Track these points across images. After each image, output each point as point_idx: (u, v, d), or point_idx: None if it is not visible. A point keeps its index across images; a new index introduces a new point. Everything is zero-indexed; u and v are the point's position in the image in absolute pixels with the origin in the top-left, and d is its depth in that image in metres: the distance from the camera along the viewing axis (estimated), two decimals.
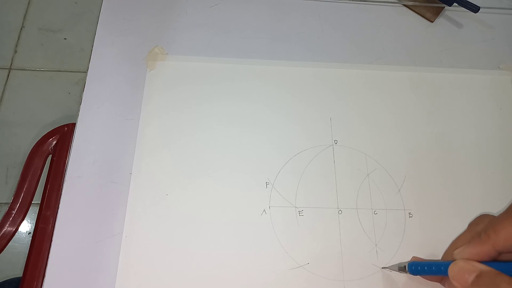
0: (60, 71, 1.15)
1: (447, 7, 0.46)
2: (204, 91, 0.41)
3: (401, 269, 0.32)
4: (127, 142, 0.38)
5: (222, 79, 0.41)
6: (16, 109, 1.10)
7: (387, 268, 0.34)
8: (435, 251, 0.36)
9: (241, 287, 0.34)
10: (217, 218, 0.36)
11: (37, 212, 0.49)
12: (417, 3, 0.46)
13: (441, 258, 0.33)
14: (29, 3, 1.22)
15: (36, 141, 0.54)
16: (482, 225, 0.28)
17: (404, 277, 0.34)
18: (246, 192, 0.37)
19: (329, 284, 0.34)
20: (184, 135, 0.39)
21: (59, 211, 0.35)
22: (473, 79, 0.43)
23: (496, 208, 0.37)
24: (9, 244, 0.52)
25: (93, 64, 0.42)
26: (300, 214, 0.36)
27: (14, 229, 0.52)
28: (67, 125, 0.55)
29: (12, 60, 1.15)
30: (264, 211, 0.36)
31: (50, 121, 1.09)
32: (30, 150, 0.54)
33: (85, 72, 0.41)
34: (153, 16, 0.44)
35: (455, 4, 0.45)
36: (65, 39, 1.18)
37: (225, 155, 0.38)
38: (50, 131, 0.54)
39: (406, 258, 0.35)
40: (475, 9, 0.44)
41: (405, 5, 0.47)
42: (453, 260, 0.27)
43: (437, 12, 0.46)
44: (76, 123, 0.39)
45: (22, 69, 1.14)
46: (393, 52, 0.44)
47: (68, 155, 0.38)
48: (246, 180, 0.37)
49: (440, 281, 0.31)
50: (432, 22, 0.46)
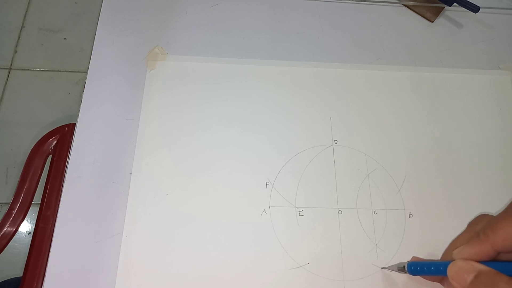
0: (60, 71, 1.15)
1: (447, 7, 0.46)
2: (204, 91, 0.41)
3: (401, 269, 0.32)
4: (127, 142, 0.38)
5: (222, 79, 0.41)
6: (16, 109, 1.10)
7: (386, 268, 0.35)
8: (435, 251, 0.36)
9: (241, 287, 0.34)
10: (217, 218, 0.36)
11: (37, 212, 0.49)
12: (417, 3, 0.46)
13: (440, 258, 0.33)
14: (29, 3, 1.22)
15: (36, 141, 0.54)
16: (481, 225, 0.28)
17: (404, 277, 0.34)
18: (246, 192, 0.37)
19: (329, 284, 0.34)
20: (184, 135, 0.39)
21: (59, 211, 0.36)
22: (473, 79, 0.43)
23: (496, 208, 0.37)
24: (9, 244, 0.52)
25: (93, 64, 0.42)
26: (300, 214, 0.36)
27: (14, 229, 0.52)
28: (67, 125, 0.55)
29: (12, 60, 1.15)
30: (264, 211, 0.36)
31: (50, 121, 1.09)
32: (30, 150, 0.54)
33: (85, 72, 0.42)
34: (153, 16, 0.44)
35: (455, 4, 0.45)
36: (65, 39, 1.18)
37: (225, 155, 0.38)
38: (50, 131, 0.54)
39: (406, 258, 0.35)
40: (475, 9, 0.44)
41: (405, 5, 0.47)
42: (452, 260, 0.27)
43: (437, 12, 0.46)
44: (76, 123, 0.39)
45: (22, 69, 1.14)
46: (393, 52, 0.44)
47: (68, 155, 0.38)
48: (246, 180, 0.37)
49: (440, 281, 0.31)
50: (432, 22, 0.46)
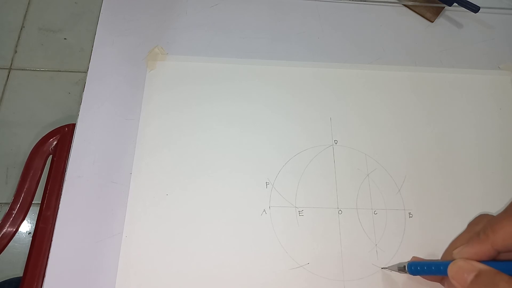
0: (60, 71, 1.15)
1: (447, 7, 0.46)
2: (204, 91, 0.41)
3: (401, 269, 0.32)
4: (127, 142, 0.38)
5: (222, 79, 0.41)
6: (16, 109, 1.10)
7: (386, 268, 0.35)
8: (435, 251, 0.36)
9: (241, 287, 0.34)
10: (217, 218, 0.36)
11: (37, 212, 0.49)
12: (417, 3, 0.46)
13: (440, 258, 0.33)
14: (29, 3, 1.22)
15: (36, 141, 0.54)
16: (481, 225, 0.28)
17: (404, 277, 0.34)
18: (246, 192, 0.37)
19: (329, 284, 0.34)
20: (184, 135, 0.39)
21: (59, 211, 0.36)
22: (473, 79, 0.43)
23: (496, 208, 0.37)
24: (9, 244, 0.52)
25: (93, 64, 0.42)
26: (300, 214, 0.36)
27: (14, 229, 0.52)
28: (67, 125, 0.55)
29: (12, 60, 1.15)
30: (264, 211, 0.36)
31: (50, 121, 1.09)
32: (30, 150, 0.54)
33: (85, 72, 0.42)
34: (153, 16, 0.44)
35: (455, 4, 0.45)
36: (65, 39, 1.18)
37: (225, 155, 0.38)
38: (51, 131, 0.55)
39: (406, 258, 0.35)
40: (475, 9, 0.44)
41: (405, 5, 0.47)
42: (453, 260, 0.27)
43: (437, 12, 0.46)
44: (76, 123, 0.39)
45: (22, 69, 1.14)
46: (393, 52, 0.44)
47: (68, 155, 0.38)
48: (246, 180, 0.37)
49: (440, 281, 0.31)
50: (432, 22, 0.46)
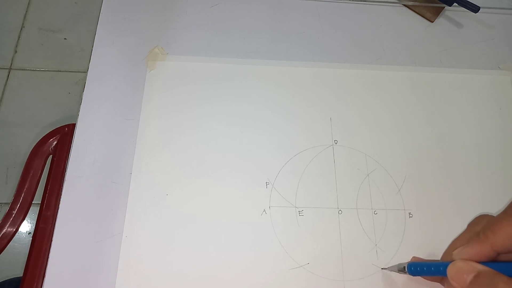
0: (60, 71, 1.15)
1: (447, 7, 0.46)
2: (204, 91, 0.41)
3: (401, 270, 0.32)
4: (127, 142, 0.38)
5: (222, 79, 0.41)
6: (16, 109, 1.10)
7: (386, 269, 0.34)
8: (435, 251, 0.36)
9: (241, 287, 0.34)
10: (217, 218, 0.36)
11: (37, 212, 0.49)
12: (417, 3, 0.46)
13: (440, 259, 0.33)
14: (29, 3, 1.22)
15: (36, 141, 0.54)
16: (481, 225, 0.28)
17: (404, 277, 0.34)
18: (246, 192, 0.37)
19: (329, 284, 0.34)
20: (184, 135, 0.39)
21: (59, 211, 0.36)
22: (473, 79, 0.43)
23: (496, 208, 0.37)
24: (9, 244, 0.52)
25: (93, 64, 0.42)
26: (300, 214, 0.36)
27: (14, 229, 0.52)
28: (67, 125, 0.55)
29: (12, 60, 1.15)
30: (264, 211, 0.36)
31: (50, 121, 1.09)
32: (30, 150, 0.54)
33: (85, 72, 0.42)
34: (153, 16, 0.44)
35: (455, 4, 0.45)
36: (65, 39, 1.18)
37: (225, 155, 0.38)
38: (51, 131, 0.55)
39: (406, 258, 0.35)
40: (475, 9, 0.44)
41: (405, 5, 0.47)
42: (452, 261, 0.27)
43: (437, 12, 0.46)
44: (76, 123, 0.39)
45: (22, 69, 1.14)
46: (393, 52, 0.44)
47: (68, 157, 0.38)
48: (246, 180, 0.37)
49: (440, 281, 0.31)
50: (432, 22, 0.46)
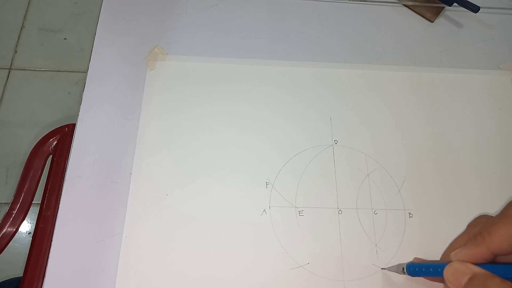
0: (60, 71, 1.15)
1: (447, 7, 0.46)
2: (204, 91, 0.41)
3: (400, 270, 0.32)
4: (127, 142, 0.38)
5: (222, 79, 0.41)
6: (16, 109, 1.10)
7: (386, 269, 0.34)
8: (435, 251, 0.36)
9: (241, 287, 0.34)
10: (217, 218, 0.36)
11: (37, 212, 0.49)
12: (417, 3, 0.46)
13: (439, 259, 0.33)
14: (29, 3, 1.22)
15: (36, 141, 0.54)
16: (480, 226, 0.28)
17: (404, 277, 0.34)
18: (246, 192, 0.37)
19: (329, 284, 0.34)
20: (184, 135, 0.39)
21: (59, 211, 0.36)
22: (473, 79, 0.43)
23: (496, 208, 0.37)
24: (9, 244, 0.52)
25: (93, 64, 0.42)
26: (300, 214, 0.36)
27: (14, 229, 0.52)
28: (67, 125, 0.55)
29: (12, 60, 1.15)
30: (264, 211, 0.36)
31: (50, 121, 1.09)
32: (30, 150, 0.54)
33: (85, 72, 0.42)
34: (153, 16, 0.44)
35: (455, 4, 0.45)
36: (65, 39, 1.18)
37: (225, 155, 0.38)
38: (51, 131, 0.55)
39: (406, 258, 0.35)
40: (475, 9, 0.44)
41: (405, 5, 0.47)
42: (450, 262, 0.27)
43: (437, 12, 0.46)
44: (76, 123, 0.39)
45: (22, 69, 1.14)
46: (393, 52, 0.44)
47: (68, 157, 0.38)
48: (246, 180, 0.37)
49: (442, 281, 0.31)
50: (432, 22, 0.46)
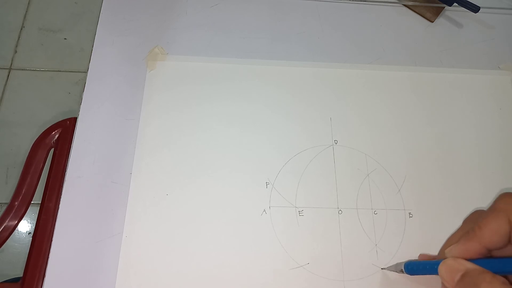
0: (60, 71, 1.15)
1: (447, 7, 0.46)
2: (204, 91, 0.41)
3: (400, 269, 0.32)
4: (127, 142, 0.38)
5: (222, 79, 0.41)
6: (16, 109, 1.10)
7: (386, 269, 0.34)
8: (435, 251, 0.35)
9: (241, 287, 0.34)
10: (217, 218, 0.36)
11: (37, 212, 0.49)
12: (417, 3, 0.46)
13: (437, 255, 0.33)
14: (29, 3, 1.22)
15: None
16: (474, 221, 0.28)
17: (403, 277, 0.34)
18: (246, 192, 0.37)
19: (329, 284, 0.34)
20: (184, 135, 0.39)
21: (59, 211, 0.36)
22: (473, 79, 0.43)
23: None
24: (9, 244, 0.52)
25: (93, 64, 0.42)
26: (300, 214, 0.36)
27: (15, 223, 0.52)
28: (69, 119, 0.55)
29: (12, 60, 1.15)
30: (264, 211, 0.36)
31: (50, 121, 1.09)
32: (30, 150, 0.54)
33: (85, 72, 0.42)
34: (153, 16, 0.44)
35: (455, 4, 0.45)
36: (65, 39, 1.18)
37: (225, 155, 0.38)
38: (53, 125, 0.55)
39: (406, 258, 0.35)
40: (475, 9, 0.44)
41: (405, 5, 0.47)
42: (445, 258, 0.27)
43: (437, 12, 0.46)
44: (76, 123, 0.39)
45: (22, 69, 1.14)
46: (393, 52, 0.44)
47: (69, 150, 0.38)
48: (246, 180, 0.37)
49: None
50: (432, 22, 0.46)
